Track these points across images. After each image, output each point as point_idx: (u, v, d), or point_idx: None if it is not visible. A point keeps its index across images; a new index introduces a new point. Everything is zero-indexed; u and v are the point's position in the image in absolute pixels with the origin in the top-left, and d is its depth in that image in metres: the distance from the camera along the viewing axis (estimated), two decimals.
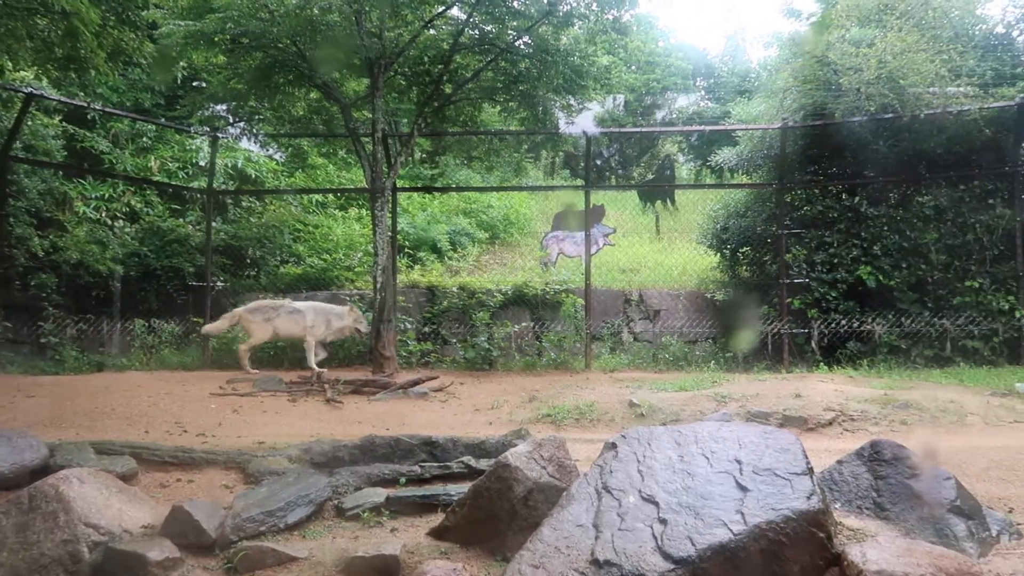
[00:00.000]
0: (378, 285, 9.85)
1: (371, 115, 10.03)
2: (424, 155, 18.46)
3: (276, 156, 14.47)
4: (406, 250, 13.92)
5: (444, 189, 15.90)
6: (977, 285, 10.33)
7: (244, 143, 13.12)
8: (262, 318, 9.69)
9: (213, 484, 4.84)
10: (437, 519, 4.16)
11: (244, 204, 13.84)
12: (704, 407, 7.05)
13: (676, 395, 7.64)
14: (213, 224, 12.05)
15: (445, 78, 10.37)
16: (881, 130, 10.94)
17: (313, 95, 11.19)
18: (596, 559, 3.38)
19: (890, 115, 10.43)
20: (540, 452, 4.15)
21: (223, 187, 12.89)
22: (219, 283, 11.97)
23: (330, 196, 15.63)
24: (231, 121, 11.91)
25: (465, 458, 5.01)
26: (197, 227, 12.54)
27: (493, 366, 10.48)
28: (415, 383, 8.79)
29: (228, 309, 11.76)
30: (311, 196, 15.04)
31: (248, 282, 12.63)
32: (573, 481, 4.10)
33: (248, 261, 12.99)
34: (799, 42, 12.00)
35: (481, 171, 17.83)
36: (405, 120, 11.66)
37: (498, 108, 11.50)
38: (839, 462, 4.51)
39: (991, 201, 10.67)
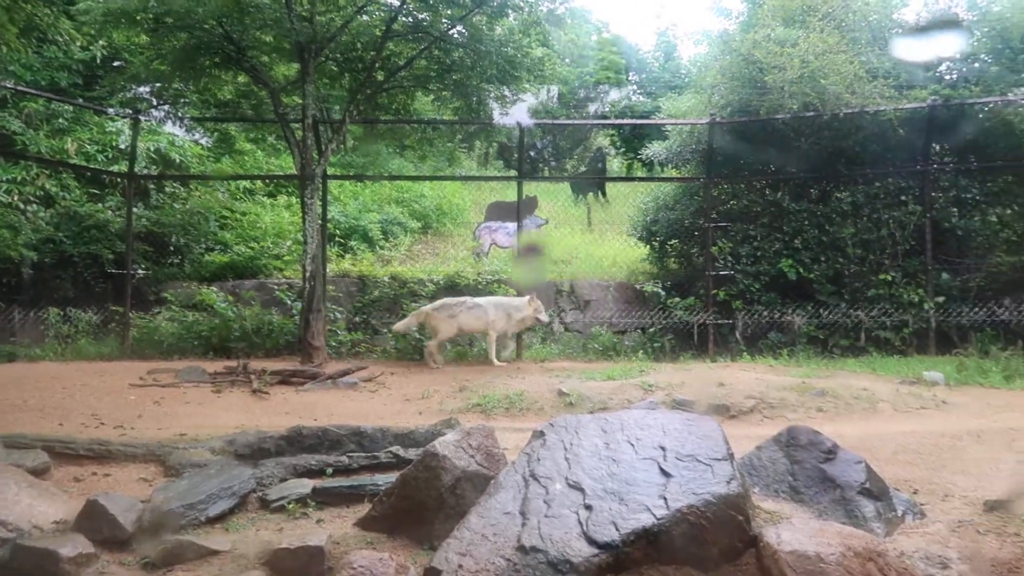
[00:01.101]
0: (307, 274, 9.68)
1: (301, 101, 9.84)
2: (356, 142, 18.19)
3: (202, 141, 14.04)
4: (337, 239, 13.71)
5: (376, 177, 15.70)
6: (890, 278, 10.80)
7: (168, 127, 12.68)
8: (447, 315, 9.91)
9: (131, 478, 4.69)
10: (364, 509, 4.14)
11: (168, 190, 13.38)
12: (631, 396, 7.19)
13: (604, 384, 7.77)
14: (134, 210, 11.61)
15: (378, 65, 10.24)
16: (803, 128, 11.31)
17: (241, 79, 10.90)
18: (522, 545, 3.42)
19: (811, 113, 10.78)
20: (468, 441, 4.16)
21: (145, 171, 12.43)
22: (140, 271, 11.56)
23: (258, 183, 15.25)
24: (154, 103, 11.48)
25: (394, 448, 4.99)
26: (117, 212, 12.06)
27: (424, 356, 10.43)
28: (345, 373, 8.69)
29: (151, 297, 11.43)
30: (238, 182, 14.65)
31: (171, 270, 12.24)
32: (501, 469, 4.13)
33: (171, 248, 12.58)
34: (727, 40, 12.32)
35: (414, 160, 17.68)
36: (337, 107, 11.48)
37: (431, 97, 11.42)
38: (758, 448, 4.67)
39: (903, 198, 11.17)
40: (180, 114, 11.45)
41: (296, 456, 4.96)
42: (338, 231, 13.91)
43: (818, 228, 11.20)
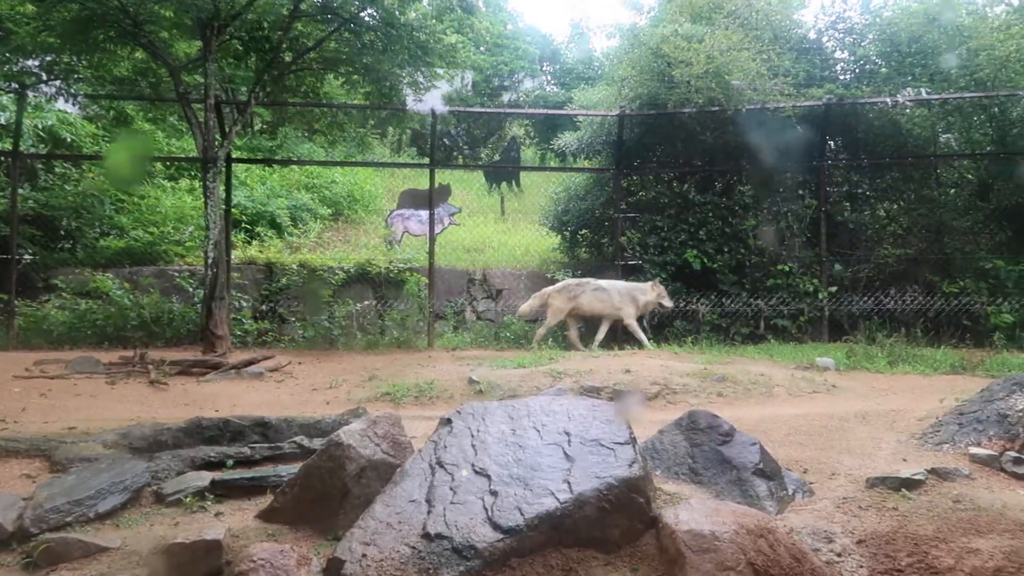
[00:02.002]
0: (210, 261, 9.34)
1: (203, 80, 9.45)
2: (264, 125, 17.64)
3: (96, 119, 13.30)
4: (243, 225, 13.26)
5: (285, 162, 15.26)
6: (787, 269, 11.29)
7: (59, 103, 11.93)
8: (568, 297, 9.83)
9: (13, 474, 4.42)
10: (267, 501, 4.04)
11: (58, 170, 12.63)
12: (541, 383, 7.27)
13: (514, 372, 7.82)
14: (20, 191, 10.90)
15: (285, 46, 9.94)
16: (708, 122, 11.66)
17: (139, 55, 10.38)
18: (427, 533, 3.42)
19: (716, 108, 11.11)
20: (374, 429, 4.12)
21: (32, 150, 11.69)
22: (27, 256, 10.88)
23: (158, 165, 14.58)
24: (43, 78, 10.79)
25: (299, 438, 4.88)
26: (0, 194, 11.31)
27: (334, 345, 10.27)
28: (249, 363, 8.45)
29: (39, 284, 10.79)
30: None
31: (62, 255, 11.57)
32: (408, 457, 4.11)
33: (62, 233, 11.88)
34: (637, 34, 12.52)
35: (324, 145, 17.29)
36: (243, 88, 11.08)
37: (342, 81, 11.18)
38: (660, 432, 4.81)
39: (801, 192, 11.70)
40: (72, 90, 10.80)
41: (195, 448, 4.79)
42: (244, 217, 13.47)
43: (721, 220, 11.58)
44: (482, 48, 26.22)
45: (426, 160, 12.78)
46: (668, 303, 10.35)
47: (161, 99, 11.47)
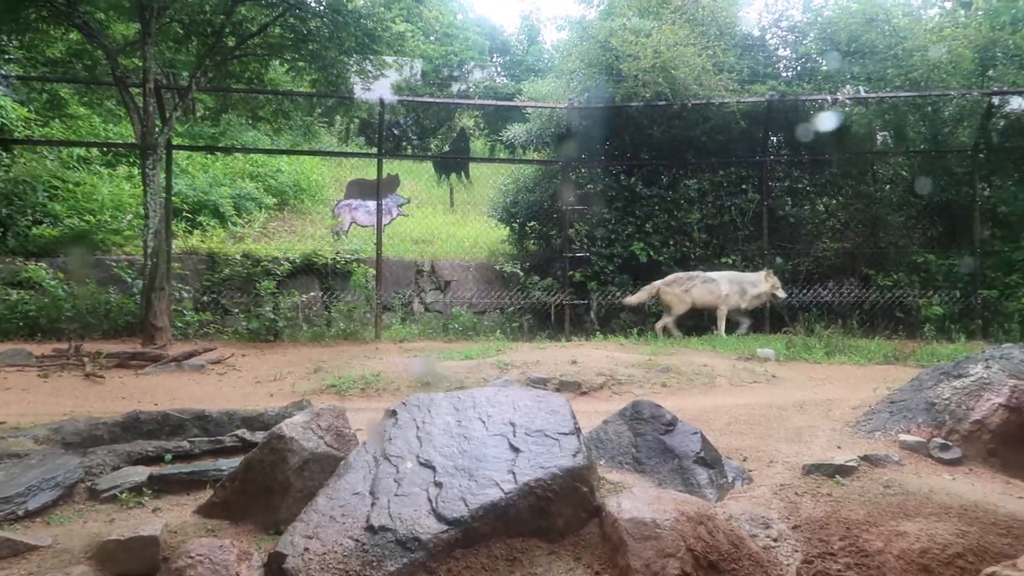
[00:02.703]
0: (149, 250, 9.09)
1: (142, 64, 9.16)
2: (206, 112, 17.19)
3: (28, 102, 12.79)
4: (184, 214, 12.93)
5: (228, 149, 14.91)
6: (731, 262, 11.52)
7: None
8: (680, 289, 9.78)
9: None
10: (206, 496, 3.96)
11: None
12: (488, 374, 7.28)
13: (462, 363, 7.82)
14: None
15: (228, 30, 9.72)
16: (655, 116, 11.80)
17: (73, 36, 10.03)
18: (371, 525, 3.40)
19: (663, 103, 11.25)
20: (318, 422, 4.07)
21: None
22: None
23: (94, 151, 14.10)
24: None
25: (240, 431, 4.80)
26: None
27: (279, 337, 10.11)
28: (190, 355, 8.26)
29: None
30: (71, 150, 13.48)
31: None
32: (352, 450, 4.08)
33: None
34: (586, 27, 12.58)
35: (269, 133, 16.94)
36: (185, 73, 10.79)
37: (287, 67, 10.97)
38: (605, 422, 4.87)
39: (744, 186, 11.93)
40: (2, 72, 10.37)
41: (132, 443, 4.66)
42: (186, 205, 13.13)
43: (667, 213, 11.75)
44: (431, 37, 26.03)
45: (374, 150, 12.64)
46: (782, 293, 10.38)
47: (97, 82, 11.10)
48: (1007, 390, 4.98)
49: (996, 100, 11.29)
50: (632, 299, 10.60)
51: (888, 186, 12.45)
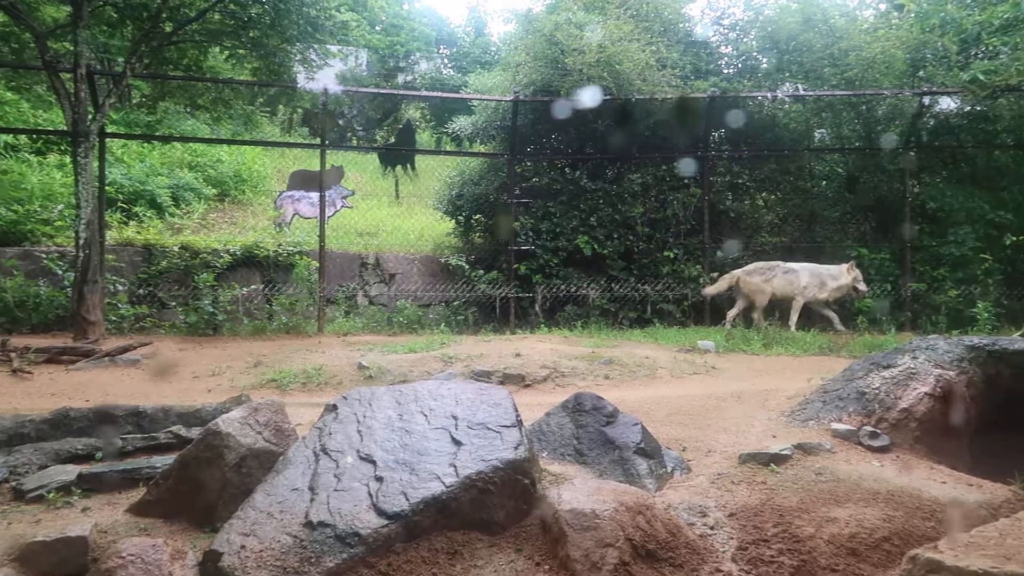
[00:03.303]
0: (81, 242, 8.78)
1: (73, 48, 8.83)
2: (143, 99, 16.68)
3: None
4: (119, 204, 12.52)
5: (166, 138, 14.48)
6: (673, 255, 11.71)
7: None
8: (760, 279, 9.60)
9: None
10: (139, 494, 3.86)
11: None
12: (432, 368, 7.26)
13: (406, 357, 7.77)
14: None
15: (165, 15, 9.42)
16: (600, 110, 11.88)
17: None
18: (310, 521, 3.36)
19: (607, 97, 11.34)
20: (256, 417, 4.00)
21: None
22: None
23: (23, 138, 13.54)
24: None
25: (175, 428, 4.68)
26: None
27: (218, 331, 9.90)
28: (125, 350, 8.02)
29: None
30: None
31: None
32: (291, 445, 4.02)
33: None
34: (532, 20, 12.59)
35: (209, 122, 16.53)
36: (120, 58, 10.43)
37: (227, 55, 10.71)
38: (547, 414, 4.90)
39: (686, 181, 12.12)
40: None
41: (61, 441, 4.51)
42: (121, 195, 12.71)
43: (611, 207, 11.86)
44: (377, 28, 25.74)
45: (318, 140, 12.44)
46: (863, 287, 10.17)
47: (25, 67, 10.67)
48: (932, 379, 5.19)
49: (926, 100, 11.70)
50: (711, 288, 10.55)
51: (824, 182, 12.79)
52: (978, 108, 11.65)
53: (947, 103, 11.88)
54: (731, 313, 10.54)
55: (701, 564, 3.58)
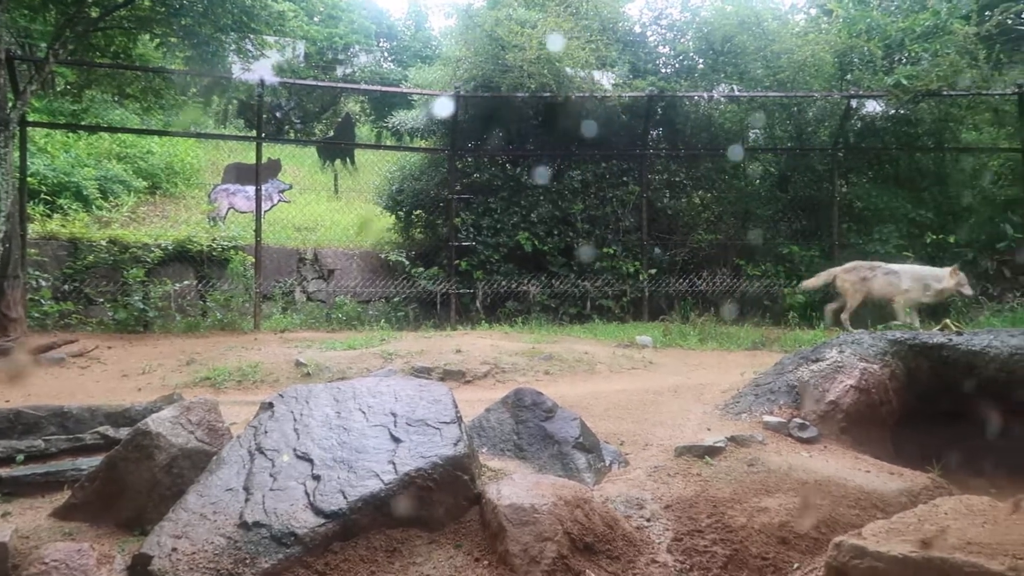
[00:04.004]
0: (0, 235, 8.39)
1: None
2: (67, 87, 16.01)
3: None
4: (43, 196, 12.03)
5: (92, 128, 13.93)
6: (612, 252, 11.84)
7: None
8: (857, 278, 9.42)
9: None
10: (63, 498, 3.72)
11: None
12: (371, 364, 7.19)
13: (344, 353, 7.68)
14: None
15: (91, 0, 9.06)
16: (540, 107, 11.94)
17: None
18: (245, 522, 3.30)
19: (548, 94, 11.39)
20: (188, 416, 3.91)
21: None
22: None
23: None
24: None
25: (103, 428, 4.53)
26: None
27: (149, 328, 9.60)
28: (48, 348, 7.72)
29: None
30: None
31: None
32: (225, 445, 3.93)
33: None
34: (473, 15, 12.55)
35: (139, 112, 15.98)
36: (43, 44, 9.99)
37: (156, 42, 10.38)
38: (487, 410, 4.92)
39: (625, 179, 12.28)
40: None
41: None
42: (44, 187, 12.21)
43: (552, 204, 11.93)
44: (315, 19, 25.29)
45: (254, 133, 12.16)
46: (968, 291, 9.65)
47: None
48: (858, 372, 5.39)
49: (853, 103, 12.11)
50: (810, 282, 10.33)
51: (758, 181, 13.12)
52: (901, 111, 12.12)
53: (873, 106, 12.31)
54: (830, 307, 10.26)
55: (637, 555, 3.65)
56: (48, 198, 12.18)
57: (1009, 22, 12.23)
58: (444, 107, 11.84)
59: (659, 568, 3.61)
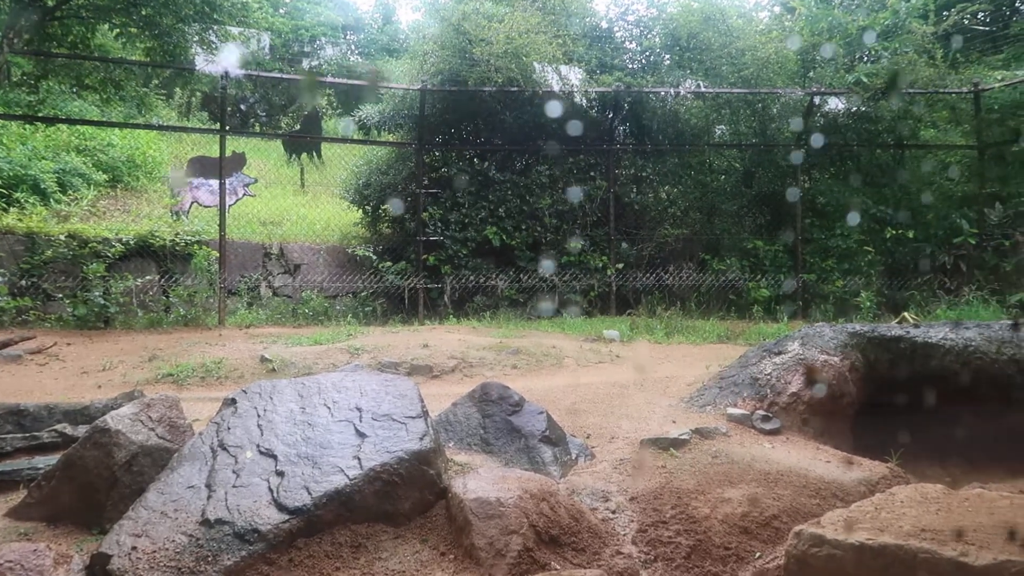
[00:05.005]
0: None
1: None
2: (23, 77, 15.62)
3: None
4: None
5: (50, 120, 13.57)
6: (580, 246, 11.89)
7: None
8: None
9: None
10: (19, 497, 3.65)
11: None
12: (338, 359, 7.14)
13: (311, 349, 7.62)
14: None
15: None
16: (508, 101, 11.92)
17: None
18: (207, 519, 3.27)
19: (515, 89, 11.38)
20: (148, 413, 3.85)
21: None
22: None
23: None
24: None
25: (61, 426, 4.44)
26: None
27: (110, 324, 9.41)
28: (5, 345, 7.52)
29: None
30: None
31: None
32: (187, 442, 3.88)
33: None
34: (440, 9, 12.49)
35: (99, 103, 15.64)
36: None
37: (116, 32, 10.16)
38: (454, 404, 4.92)
39: (592, 174, 12.33)
40: None
41: None
42: (0, 180, 11.90)
43: (520, 198, 11.94)
44: (281, 11, 24.95)
45: (217, 126, 11.96)
46: None
47: None
48: (819, 365, 5.48)
49: (816, 100, 12.29)
50: None
51: (723, 176, 13.25)
52: (862, 109, 12.32)
53: (835, 103, 12.51)
54: None
55: (603, 547, 3.68)
56: (4, 191, 11.86)
57: (965, 22, 12.49)
58: (411, 101, 11.76)
59: (624, 559, 3.64)
